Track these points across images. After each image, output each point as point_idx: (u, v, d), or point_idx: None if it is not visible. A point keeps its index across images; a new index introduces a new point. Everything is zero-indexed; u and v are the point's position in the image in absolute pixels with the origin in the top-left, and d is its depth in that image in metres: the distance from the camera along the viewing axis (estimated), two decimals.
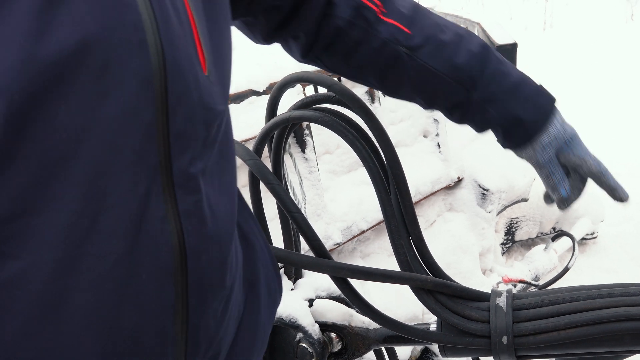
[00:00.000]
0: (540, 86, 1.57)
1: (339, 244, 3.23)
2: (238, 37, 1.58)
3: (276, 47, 1.67)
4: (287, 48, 1.64)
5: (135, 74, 0.95)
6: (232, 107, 2.94)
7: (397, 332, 1.79)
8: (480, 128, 1.63)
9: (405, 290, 1.76)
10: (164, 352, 1.08)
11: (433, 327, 1.84)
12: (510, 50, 4.14)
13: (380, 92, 3.82)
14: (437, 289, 1.73)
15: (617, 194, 1.60)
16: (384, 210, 1.75)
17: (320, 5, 1.51)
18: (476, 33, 4.41)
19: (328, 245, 3.09)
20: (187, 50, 1.04)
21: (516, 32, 4.21)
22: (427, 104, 1.61)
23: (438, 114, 3.89)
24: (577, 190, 1.64)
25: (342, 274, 1.60)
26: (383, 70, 1.56)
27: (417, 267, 1.79)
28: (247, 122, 2.91)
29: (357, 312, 2.05)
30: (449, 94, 1.54)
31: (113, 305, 1.00)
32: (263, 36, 1.57)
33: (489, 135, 4.05)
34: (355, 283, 1.78)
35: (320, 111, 1.81)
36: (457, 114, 1.60)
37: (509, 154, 4.16)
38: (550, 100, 1.57)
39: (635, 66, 10.42)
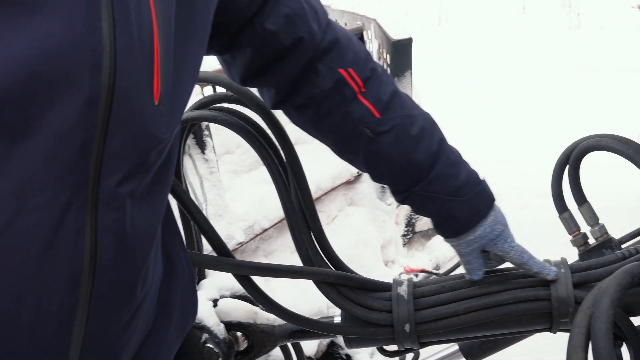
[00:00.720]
0: (482, 187, 1.66)
1: (241, 244, 3.22)
2: None
3: None
4: (261, 94, 1.68)
5: (82, 93, 0.98)
6: None
7: (302, 327, 1.80)
8: (417, 212, 1.71)
9: (308, 285, 1.78)
10: (60, 354, 1.10)
11: (337, 319, 1.86)
12: (405, 45, 4.22)
13: None
14: (339, 282, 1.75)
15: (542, 276, 1.72)
16: (284, 207, 1.77)
17: (300, 66, 1.53)
18: (372, 30, 4.47)
19: (231, 244, 3.09)
20: (140, 79, 1.06)
21: (412, 27, 4.30)
22: (375, 180, 1.72)
23: None
24: (496, 262, 1.78)
25: (245, 272, 1.61)
26: (343, 142, 1.62)
27: (319, 262, 1.80)
28: None
29: (261, 309, 2.05)
30: (395, 179, 1.63)
31: (13, 300, 1.02)
32: (239, 77, 1.59)
33: None
34: (259, 281, 1.79)
35: (219, 111, 1.80)
36: (399, 197, 1.69)
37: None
38: (488, 204, 1.67)
39: (528, 57, 10.74)
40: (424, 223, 4.88)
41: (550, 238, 5.14)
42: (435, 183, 1.60)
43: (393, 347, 1.87)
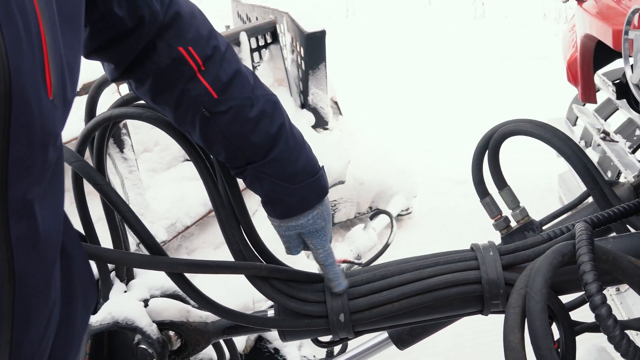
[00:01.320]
0: (318, 179, 1.68)
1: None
2: None
3: None
4: (102, 66, 1.62)
5: None
6: None
7: (237, 322, 1.79)
8: (249, 187, 1.71)
9: (233, 281, 1.77)
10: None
11: (271, 313, 1.85)
12: (319, 38, 4.23)
13: None
14: (271, 275, 1.75)
15: (332, 284, 1.77)
16: (213, 202, 1.74)
17: (140, 45, 1.49)
18: (285, 23, 4.47)
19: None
20: (35, 76, 1.01)
21: (320, 20, 4.32)
22: (212, 154, 1.70)
23: None
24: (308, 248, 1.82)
25: (179, 270, 1.58)
26: (180, 117, 1.60)
27: (250, 256, 1.79)
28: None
29: (194, 307, 2.03)
30: (231, 157, 1.63)
31: None
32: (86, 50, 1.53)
33: (303, 122, 4.08)
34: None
35: (142, 107, 1.77)
36: (233, 172, 1.70)
37: (324, 138, 4.22)
38: (319, 196, 1.70)
39: (433, 47, 10.90)
40: (342, 214, 4.92)
41: (469, 223, 5.26)
42: (270, 166, 1.61)
43: (328, 338, 1.88)
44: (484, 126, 6.55)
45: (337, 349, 3.13)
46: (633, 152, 3.76)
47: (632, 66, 1.82)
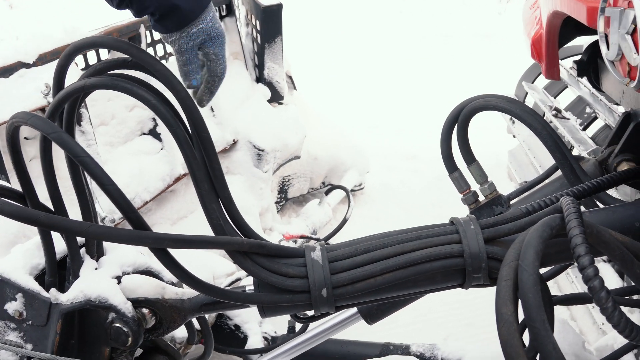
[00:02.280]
0: None
1: (122, 218, 3.11)
2: None
3: (22, 20, 1.57)
4: None
5: None
6: (1, 82, 2.72)
7: (218, 299, 1.74)
8: (138, 13, 1.65)
9: (193, 257, 1.73)
10: None
11: (250, 288, 1.82)
12: (275, 12, 4.17)
13: None
14: (252, 250, 1.71)
15: (203, 97, 1.78)
16: (193, 176, 1.69)
17: None
18: None
19: (112, 218, 2.97)
20: None
21: None
22: None
23: None
24: (208, 92, 1.78)
25: (165, 245, 1.53)
26: None
27: (229, 230, 1.75)
28: (19, 96, 2.70)
29: (169, 283, 1.98)
30: None
31: None
32: None
33: (259, 97, 4.05)
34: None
35: (116, 77, 1.70)
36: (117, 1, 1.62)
37: (280, 113, 4.19)
38: None
39: (379, 23, 10.90)
40: (296, 189, 4.89)
41: (421, 198, 5.29)
42: None
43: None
44: (429, 103, 6.65)
45: (298, 325, 3.12)
46: (584, 129, 3.82)
47: (607, 43, 1.82)
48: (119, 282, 1.94)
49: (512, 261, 1.48)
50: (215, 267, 3.15)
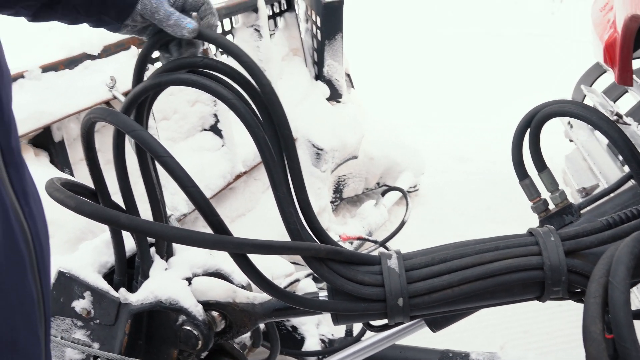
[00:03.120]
0: None
1: (184, 215, 3.09)
2: None
3: None
4: None
5: None
6: (67, 73, 2.71)
7: (294, 305, 1.70)
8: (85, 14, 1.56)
9: (252, 257, 1.67)
10: (37, 353, 1.02)
11: (323, 295, 1.78)
12: (337, 8, 4.12)
13: (213, 52, 3.68)
14: (329, 257, 1.66)
15: (210, 22, 1.64)
16: (271, 177, 1.65)
17: None
18: None
19: (176, 216, 2.95)
20: None
21: None
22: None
23: (270, 74, 3.80)
24: (210, 15, 1.65)
25: (245, 250, 1.50)
26: None
27: (306, 235, 1.72)
28: (84, 88, 2.69)
29: (238, 286, 1.95)
30: None
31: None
32: None
33: (318, 94, 4.00)
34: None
35: (195, 74, 1.66)
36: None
37: (339, 111, 4.14)
38: None
39: (431, 22, 10.82)
40: (350, 189, 4.84)
41: (474, 201, 5.22)
42: None
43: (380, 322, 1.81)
44: (481, 105, 6.55)
45: (357, 328, 3.07)
46: None
47: None
48: (189, 284, 1.91)
49: (600, 277, 1.43)
50: (274, 267, 3.12)
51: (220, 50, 3.81)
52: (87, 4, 1.52)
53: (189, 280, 1.93)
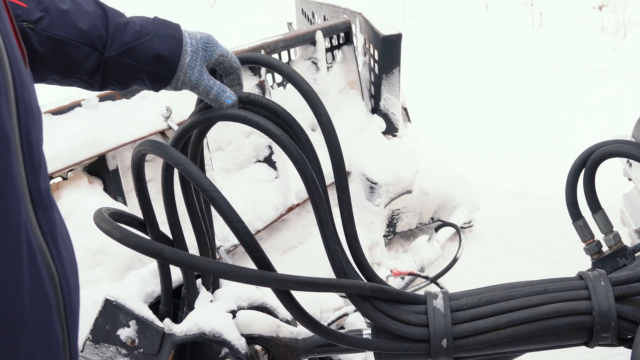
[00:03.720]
0: (156, 18, 1.60)
1: (235, 246, 3.11)
2: None
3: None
4: None
5: None
6: (124, 103, 2.76)
7: (335, 342, 1.69)
8: (125, 84, 1.60)
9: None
10: None
11: (367, 333, 1.77)
12: (395, 41, 4.13)
13: (270, 84, 3.72)
14: (374, 295, 1.65)
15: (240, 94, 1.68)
16: (318, 216, 1.65)
17: None
18: (358, 23, 4.37)
19: (226, 246, 2.97)
20: (16, 47, 0.98)
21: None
22: (65, 78, 1.55)
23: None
24: (238, 86, 1.70)
25: (288, 287, 1.50)
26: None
27: (351, 272, 1.71)
28: (140, 118, 2.74)
29: (283, 321, 1.95)
30: (83, 59, 1.52)
31: (8, 354, 0.93)
32: None
33: (374, 128, 4.00)
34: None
35: (244, 109, 1.68)
36: (98, 79, 1.56)
37: (394, 145, 4.13)
38: (174, 25, 1.61)
39: (490, 54, 10.77)
40: (404, 224, 4.82)
41: (529, 239, 5.14)
42: (117, 37, 1.53)
43: None
44: (539, 140, 6.45)
45: None
46: None
47: None
48: (234, 317, 1.92)
49: None
50: (323, 300, 3.11)
51: (281, 80, 3.85)
52: (124, 80, 1.58)
53: (233, 313, 1.93)
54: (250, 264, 3.14)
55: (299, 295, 3.11)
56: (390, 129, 4.42)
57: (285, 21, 5.90)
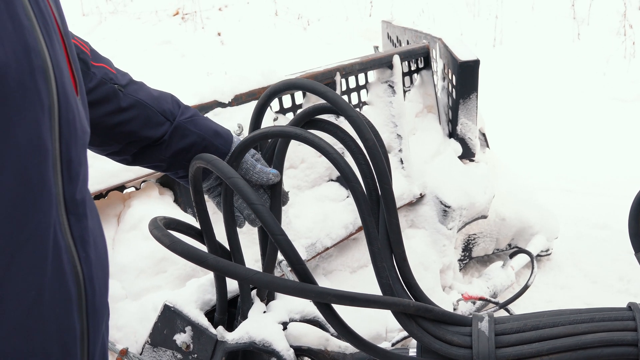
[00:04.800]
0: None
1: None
2: (189, 47, 1.59)
3: (230, 55, 1.70)
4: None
5: (38, 101, 0.95)
6: None
7: (377, 358, 1.72)
8: (184, 153, 1.80)
9: (369, 309, 1.70)
10: None
11: (412, 351, 1.79)
12: (472, 67, 4.13)
13: None
14: (419, 314, 1.68)
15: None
16: (367, 233, 1.70)
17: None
18: (437, 49, 4.40)
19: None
20: (67, 74, 1.05)
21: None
22: (135, 152, 1.78)
23: (401, 130, 3.86)
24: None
25: (328, 300, 1.53)
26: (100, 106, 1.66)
27: (398, 290, 1.74)
28: None
29: (333, 335, 1.99)
30: (156, 123, 1.74)
31: (24, 340, 0.99)
32: None
33: (450, 152, 4.01)
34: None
35: (299, 128, 1.74)
36: (165, 149, 1.78)
37: (470, 170, 4.13)
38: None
39: (581, 84, 10.57)
40: (480, 249, 4.79)
41: (608, 270, 5.03)
42: (184, 112, 1.81)
43: None
44: (626, 170, 6.27)
45: None
46: None
47: None
48: (285, 328, 1.97)
49: None
50: (389, 321, 3.14)
51: (357, 102, 3.91)
52: (187, 150, 1.80)
53: (284, 324, 1.99)
54: (319, 279, 3.20)
55: (366, 314, 3.15)
56: (467, 154, 4.42)
57: (374, 45, 5.97)
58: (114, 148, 1.73)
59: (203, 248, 1.78)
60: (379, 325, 3.18)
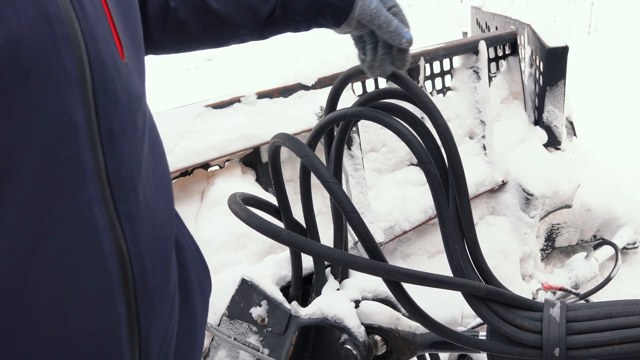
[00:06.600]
0: None
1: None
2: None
3: (319, 40, 1.65)
4: None
5: (62, 72, 0.92)
6: (281, 101, 2.91)
7: (446, 339, 1.74)
8: (305, 19, 1.60)
9: (445, 292, 1.71)
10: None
11: (482, 334, 1.80)
12: (561, 54, 4.07)
13: (429, 90, 3.77)
14: (489, 297, 1.69)
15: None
16: (439, 214, 1.72)
17: None
18: (526, 35, 4.34)
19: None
20: (107, 40, 1.01)
21: (560, 34, 4.13)
22: (253, 30, 1.59)
23: (485, 116, 3.83)
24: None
25: (397, 278, 1.56)
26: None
27: (469, 273, 1.75)
28: (295, 116, 2.89)
29: (404, 315, 2.01)
30: (262, 4, 1.55)
31: (59, 324, 0.98)
32: None
33: (535, 140, 3.95)
34: None
35: (378, 109, 1.76)
36: (280, 19, 1.59)
37: (555, 158, 4.05)
38: None
39: None
40: (564, 239, 4.72)
41: None
42: None
43: None
44: None
45: None
46: None
47: None
48: (357, 306, 2.01)
49: None
50: (465, 306, 3.13)
51: (441, 87, 3.90)
52: (305, 14, 1.59)
53: (357, 302, 2.02)
54: (397, 262, 3.21)
55: (442, 298, 3.15)
56: (553, 142, 4.35)
57: (463, 31, 5.92)
58: (233, 42, 1.64)
59: (280, 225, 1.82)
60: (455, 311, 3.17)
